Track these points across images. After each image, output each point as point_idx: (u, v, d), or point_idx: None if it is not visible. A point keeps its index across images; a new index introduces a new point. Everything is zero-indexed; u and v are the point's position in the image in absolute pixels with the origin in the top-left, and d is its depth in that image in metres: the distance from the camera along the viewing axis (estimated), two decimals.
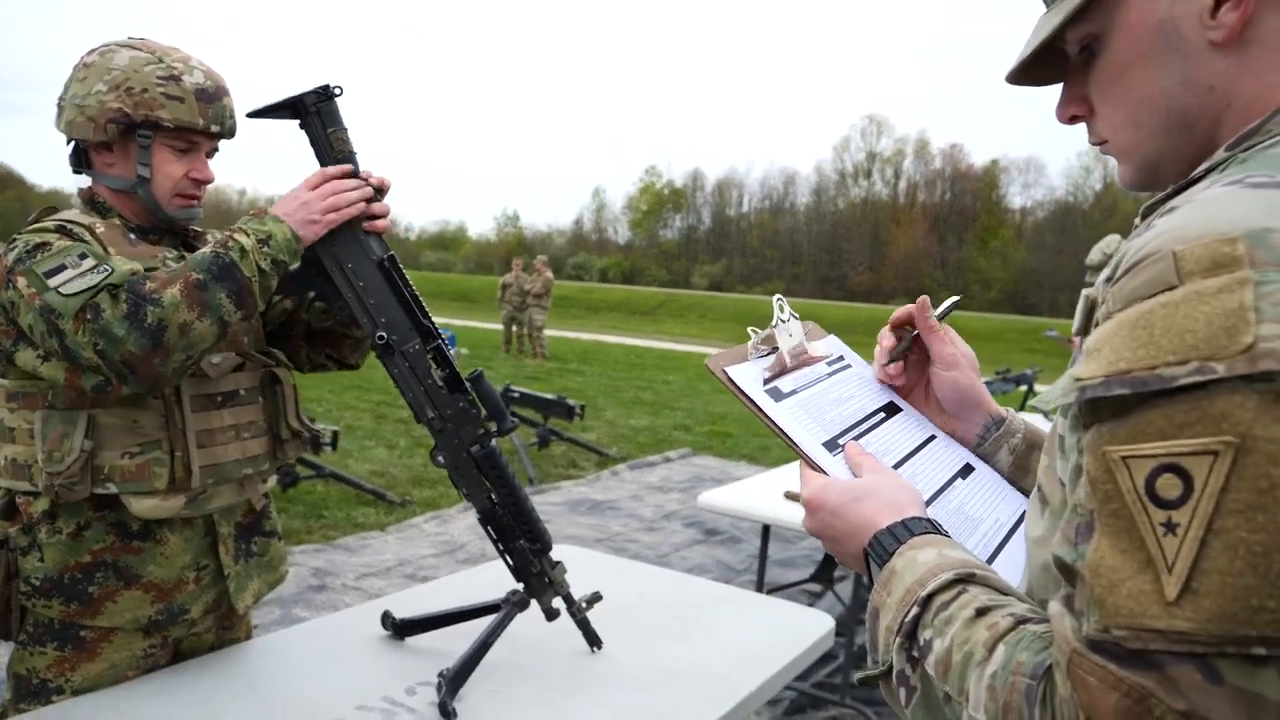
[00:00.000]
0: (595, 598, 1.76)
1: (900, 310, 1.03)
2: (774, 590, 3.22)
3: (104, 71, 1.50)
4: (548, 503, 5.72)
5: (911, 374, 1.04)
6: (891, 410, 1.00)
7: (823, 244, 62.73)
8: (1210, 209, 0.58)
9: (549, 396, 6.97)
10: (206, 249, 1.45)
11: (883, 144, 63.78)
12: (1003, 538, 0.89)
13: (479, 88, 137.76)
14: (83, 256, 1.40)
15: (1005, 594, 0.69)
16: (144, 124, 1.50)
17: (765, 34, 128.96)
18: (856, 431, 0.93)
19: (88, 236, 1.48)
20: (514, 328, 15.09)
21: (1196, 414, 0.52)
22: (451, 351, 1.64)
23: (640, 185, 72.91)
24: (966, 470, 0.96)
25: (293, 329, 1.79)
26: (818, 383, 0.99)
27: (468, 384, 1.61)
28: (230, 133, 1.60)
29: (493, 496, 1.64)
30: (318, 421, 5.53)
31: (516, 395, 6.93)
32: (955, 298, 1.05)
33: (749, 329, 1.01)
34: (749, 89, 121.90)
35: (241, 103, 1.61)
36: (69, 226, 1.48)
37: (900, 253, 56.14)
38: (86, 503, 1.48)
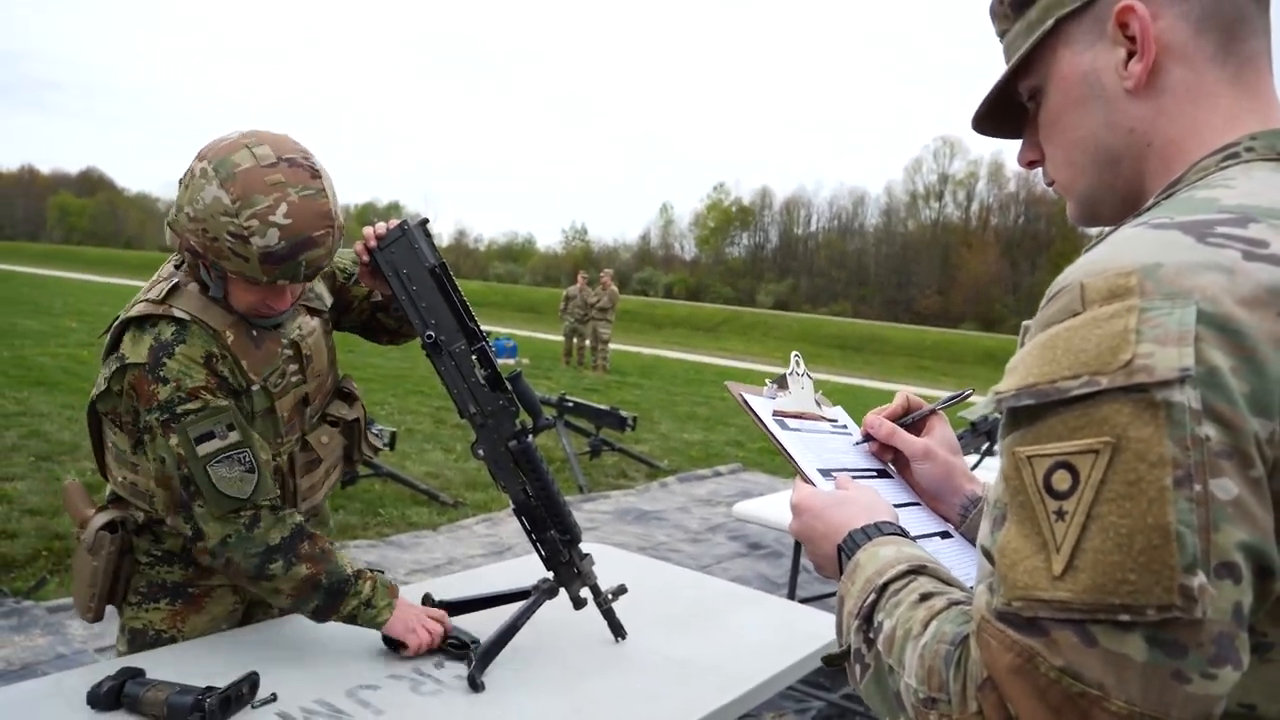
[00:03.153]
0: (621, 590, 1.87)
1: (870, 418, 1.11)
2: (807, 600, 3.28)
3: (195, 197, 1.51)
4: (596, 510, 5.84)
5: (898, 462, 1.12)
6: (882, 475, 1.09)
7: (891, 265, 62.02)
8: (1118, 246, 0.67)
9: (602, 407, 7.06)
10: (349, 570, 1.65)
11: (955, 166, 62.97)
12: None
13: (550, 102, 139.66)
14: (230, 428, 1.57)
15: (949, 584, 0.79)
16: (214, 264, 1.55)
17: (838, 53, 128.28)
18: (848, 475, 1.03)
19: (225, 368, 1.60)
20: (575, 339, 15.16)
21: (1085, 419, 0.61)
22: (514, 361, 1.80)
23: (708, 202, 73.15)
24: (945, 535, 1.04)
25: (373, 323, 2.01)
26: (820, 432, 1.11)
27: (508, 383, 1.74)
28: (309, 279, 1.58)
29: (527, 489, 1.77)
30: (377, 423, 5.75)
31: (570, 405, 7.05)
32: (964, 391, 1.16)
33: (766, 379, 1.15)
34: (819, 108, 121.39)
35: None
36: (215, 359, 1.58)
37: (970, 277, 55.16)
38: None
